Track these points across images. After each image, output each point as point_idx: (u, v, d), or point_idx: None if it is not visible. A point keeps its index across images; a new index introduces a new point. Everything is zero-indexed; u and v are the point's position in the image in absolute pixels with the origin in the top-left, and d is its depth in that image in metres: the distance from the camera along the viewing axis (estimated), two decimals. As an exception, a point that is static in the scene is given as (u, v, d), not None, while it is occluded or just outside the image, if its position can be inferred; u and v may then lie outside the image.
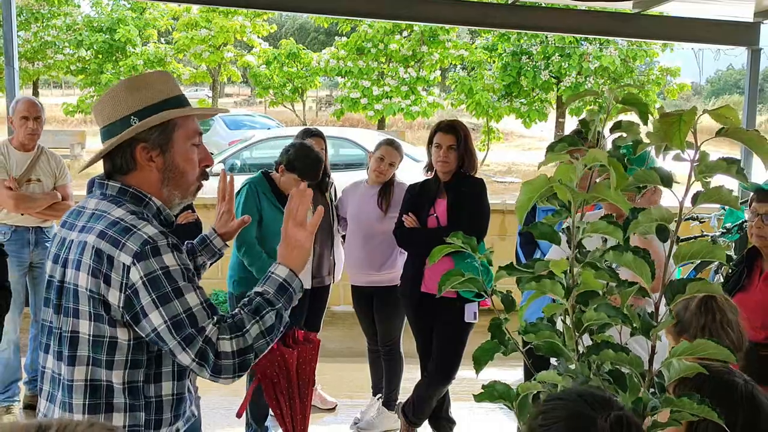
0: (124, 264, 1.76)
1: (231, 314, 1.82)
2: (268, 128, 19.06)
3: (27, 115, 4.43)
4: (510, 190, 16.09)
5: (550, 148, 1.66)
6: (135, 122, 1.88)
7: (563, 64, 20.23)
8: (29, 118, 4.43)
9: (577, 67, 20.13)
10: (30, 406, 4.60)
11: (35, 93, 26.14)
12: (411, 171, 5.64)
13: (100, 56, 23.69)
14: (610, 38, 17.61)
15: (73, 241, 1.87)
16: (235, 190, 4.13)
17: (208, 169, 2.04)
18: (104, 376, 1.82)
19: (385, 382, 4.55)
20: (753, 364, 2.62)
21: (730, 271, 3.12)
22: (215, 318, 1.78)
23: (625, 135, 1.60)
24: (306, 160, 4.00)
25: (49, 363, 1.92)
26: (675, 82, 21.42)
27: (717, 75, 60.02)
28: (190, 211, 4.10)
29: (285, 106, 24.98)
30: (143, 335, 1.78)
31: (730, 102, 38.16)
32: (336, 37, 22.64)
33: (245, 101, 40.79)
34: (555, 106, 22.10)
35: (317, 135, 4.54)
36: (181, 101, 1.95)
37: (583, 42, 20.06)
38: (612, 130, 1.64)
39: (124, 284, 1.76)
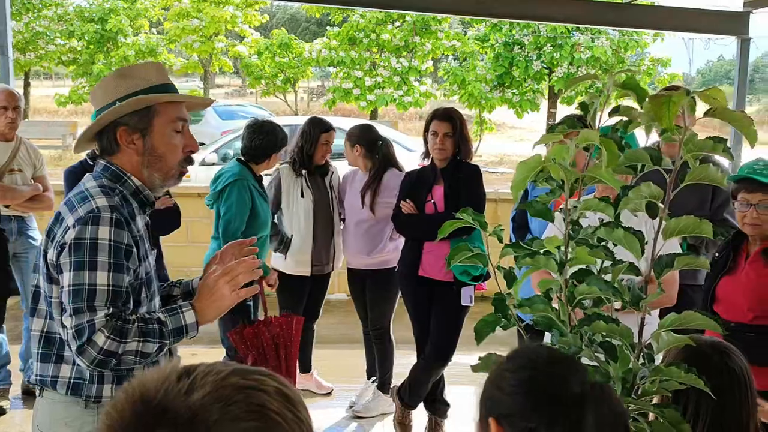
0: (67, 225, 1.90)
1: (125, 317, 1.87)
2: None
3: (6, 105, 4.46)
4: (502, 180, 16.15)
5: (551, 130, 1.72)
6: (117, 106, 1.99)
7: (555, 54, 20.29)
8: (8, 108, 4.46)
9: (569, 58, 20.19)
10: (29, 392, 4.65)
11: (27, 84, 26.03)
12: (404, 161, 5.68)
13: (92, 47, 23.62)
14: (602, 28, 17.64)
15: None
16: (216, 183, 4.20)
17: (194, 155, 2.12)
18: (58, 330, 1.95)
19: (377, 365, 4.63)
20: (740, 345, 2.69)
21: (716, 254, 3.17)
22: (111, 309, 1.85)
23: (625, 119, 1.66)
24: (275, 136, 4.18)
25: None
26: (666, 73, 21.51)
27: (708, 66, 60.25)
28: (167, 196, 4.11)
29: (277, 97, 24.98)
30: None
31: (721, 92, 38.23)
32: (328, 27, 22.62)
33: (237, 92, 40.72)
34: (547, 97, 22.16)
35: (330, 129, 4.54)
36: (166, 89, 2.05)
37: (574, 32, 20.11)
38: (611, 114, 1.70)
39: (58, 242, 1.90)
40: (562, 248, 1.59)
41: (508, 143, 25.42)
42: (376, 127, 4.89)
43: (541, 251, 1.65)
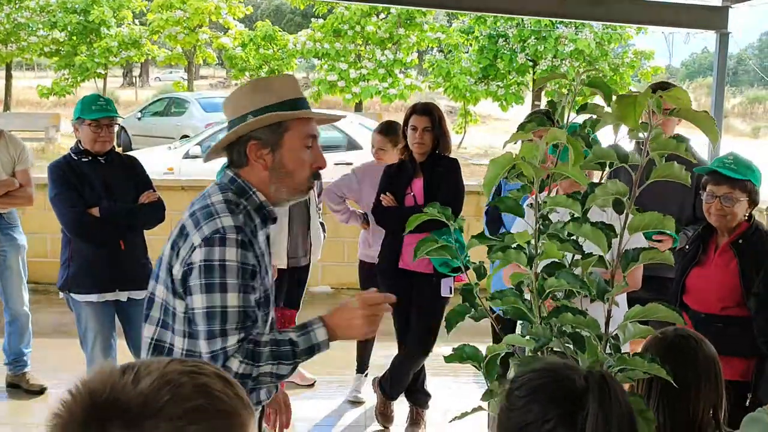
0: (193, 243, 1.91)
1: (257, 340, 1.90)
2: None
3: None
4: (486, 172, 16.18)
5: (521, 127, 1.77)
6: (250, 120, 2.01)
7: (539, 47, 20.36)
8: None
9: (553, 51, 20.27)
10: (12, 385, 4.66)
11: (8, 76, 25.76)
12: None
13: (74, 38, 23.40)
14: (578, 21, 17.70)
15: None
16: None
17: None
18: (168, 339, 2.00)
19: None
20: (709, 336, 2.76)
21: (686, 247, 3.25)
22: (242, 333, 1.88)
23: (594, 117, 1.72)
24: None
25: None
26: (649, 65, 21.65)
27: (692, 58, 60.65)
28: (151, 191, 4.11)
29: (262, 89, 24.82)
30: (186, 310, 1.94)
31: (705, 84, 38.41)
32: (312, 19, 22.56)
33: (221, 83, 40.47)
34: (531, 89, 22.24)
35: None
36: (298, 104, 2.04)
37: (558, 25, 20.19)
38: (579, 112, 1.75)
39: (185, 260, 1.91)
40: (533, 242, 1.65)
41: (492, 135, 25.48)
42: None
43: (513, 245, 1.71)
